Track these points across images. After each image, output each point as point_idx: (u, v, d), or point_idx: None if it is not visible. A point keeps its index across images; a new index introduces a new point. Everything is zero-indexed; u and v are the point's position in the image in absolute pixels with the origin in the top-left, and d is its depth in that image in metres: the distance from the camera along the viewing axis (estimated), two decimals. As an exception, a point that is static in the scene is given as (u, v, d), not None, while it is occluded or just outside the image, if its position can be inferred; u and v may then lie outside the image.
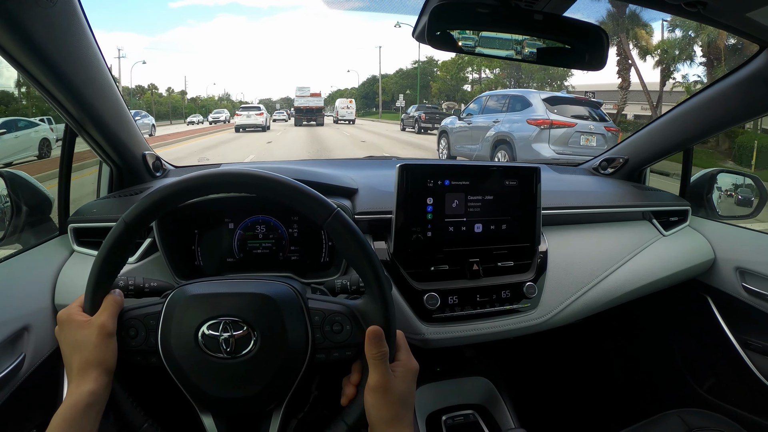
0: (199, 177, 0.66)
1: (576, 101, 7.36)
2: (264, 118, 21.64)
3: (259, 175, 0.67)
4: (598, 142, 6.43)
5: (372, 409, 0.65)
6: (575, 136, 6.30)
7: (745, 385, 1.33)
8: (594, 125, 6.57)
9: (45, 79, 0.86)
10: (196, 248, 1.08)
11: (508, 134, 6.83)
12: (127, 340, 0.67)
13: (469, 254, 1.07)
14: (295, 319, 0.68)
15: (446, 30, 0.91)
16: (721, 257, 1.38)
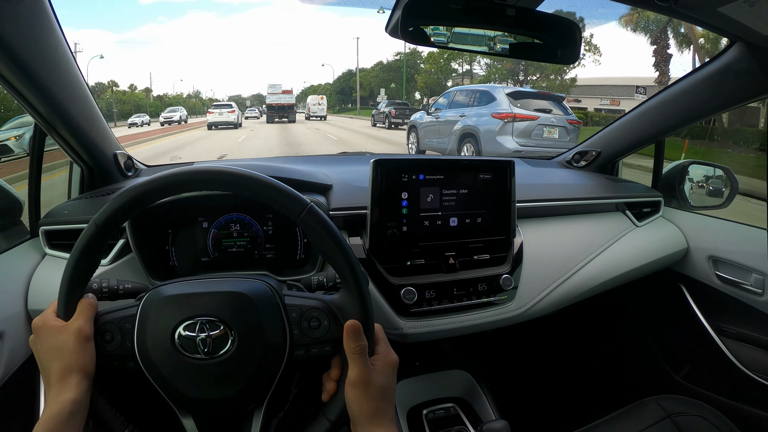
0: (170, 175, 0.65)
1: (539, 95, 7.63)
2: (236, 115, 21.98)
3: (231, 172, 0.66)
4: (560, 134, 6.75)
5: (353, 403, 0.65)
6: (538, 128, 6.60)
7: (721, 370, 1.35)
8: (556, 118, 6.83)
9: (13, 78, 0.84)
10: (170, 248, 1.07)
11: (474, 128, 7.08)
12: (103, 345, 0.66)
13: (444, 248, 1.08)
14: (272, 316, 0.67)
15: (419, 25, 0.91)
16: (694, 246, 1.41)
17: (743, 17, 0.93)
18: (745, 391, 1.30)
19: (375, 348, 0.70)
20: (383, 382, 0.66)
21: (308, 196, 1.03)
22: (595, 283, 1.22)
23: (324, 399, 0.71)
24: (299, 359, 0.69)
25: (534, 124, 6.59)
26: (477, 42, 0.97)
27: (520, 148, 6.34)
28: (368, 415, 0.64)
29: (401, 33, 0.89)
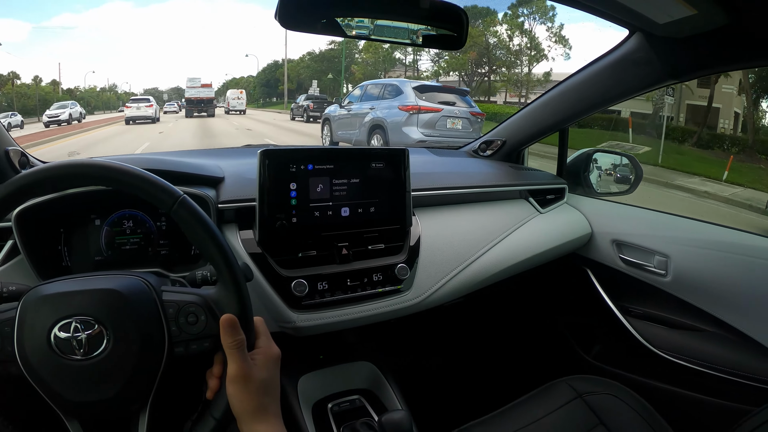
0: (35, 173, 0.62)
1: (444, 89, 8.22)
2: (153, 109, 21.91)
3: (100, 165, 0.64)
4: (463, 125, 7.25)
5: (234, 399, 0.63)
6: (442, 120, 7.06)
7: (629, 349, 1.41)
8: (459, 110, 7.32)
9: None
10: (62, 248, 1.02)
11: (382, 119, 7.48)
12: None
13: (337, 238, 1.07)
14: (148, 312, 0.65)
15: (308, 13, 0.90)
16: (598, 231, 1.46)
17: (640, 7, 0.96)
18: (653, 368, 1.36)
19: (255, 342, 0.69)
20: (264, 377, 0.65)
21: (197, 189, 1.01)
22: (497, 270, 1.24)
23: (208, 397, 0.69)
24: (180, 357, 0.67)
25: (438, 115, 7.04)
26: (359, 26, 0.97)
27: (424, 138, 6.72)
28: (250, 411, 0.63)
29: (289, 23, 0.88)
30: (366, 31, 0.97)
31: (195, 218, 0.65)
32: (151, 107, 21.69)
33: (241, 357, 0.64)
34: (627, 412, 1.14)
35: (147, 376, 0.65)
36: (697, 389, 1.26)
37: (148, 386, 0.65)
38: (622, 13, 1.02)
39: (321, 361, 1.19)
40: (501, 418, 1.15)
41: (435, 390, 1.58)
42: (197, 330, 0.67)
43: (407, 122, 7.02)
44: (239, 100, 31.14)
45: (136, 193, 0.65)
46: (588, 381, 1.23)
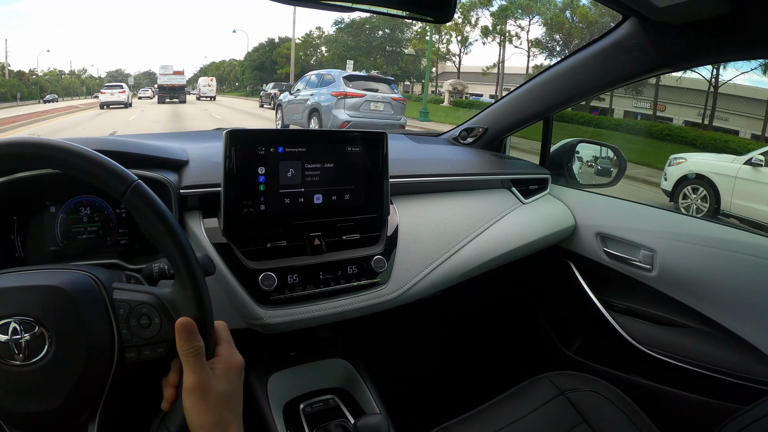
0: None
1: (369, 78, 9.80)
2: (126, 95, 23.72)
3: (44, 144, 0.56)
4: (385, 108, 8.74)
5: (191, 413, 0.57)
6: (365, 104, 8.52)
7: (612, 344, 1.38)
8: (381, 96, 8.76)
9: None
10: (15, 237, 0.94)
11: (318, 104, 8.94)
12: None
13: (309, 228, 0.99)
14: (95, 313, 0.58)
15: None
16: (581, 223, 1.42)
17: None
18: (636, 364, 1.34)
19: (216, 349, 0.62)
20: (224, 389, 0.59)
21: (157, 172, 0.93)
22: (479, 262, 1.19)
23: (163, 407, 0.62)
24: (132, 362, 0.60)
25: (361, 100, 8.46)
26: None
27: (350, 119, 8.17)
28: (208, 427, 0.57)
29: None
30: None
31: (150, 207, 0.59)
32: (123, 93, 23.48)
33: (198, 366, 0.57)
34: (610, 409, 1.12)
35: (95, 384, 0.58)
36: (681, 386, 1.24)
37: (96, 395, 0.59)
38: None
39: (292, 358, 1.13)
40: (482, 417, 1.11)
41: (413, 388, 1.54)
42: (150, 334, 0.60)
43: (336, 105, 8.42)
44: (209, 87, 34.00)
45: (83, 176, 0.58)
46: (570, 377, 1.20)
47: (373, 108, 8.57)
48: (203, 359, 0.58)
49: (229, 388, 0.60)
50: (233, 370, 0.62)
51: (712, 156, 8.32)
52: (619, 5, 1.03)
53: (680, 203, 6.59)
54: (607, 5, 1.04)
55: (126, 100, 23.39)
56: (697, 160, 7.00)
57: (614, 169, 1.55)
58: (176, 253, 0.59)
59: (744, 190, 6.07)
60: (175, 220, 0.61)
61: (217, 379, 0.59)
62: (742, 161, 6.20)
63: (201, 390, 0.57)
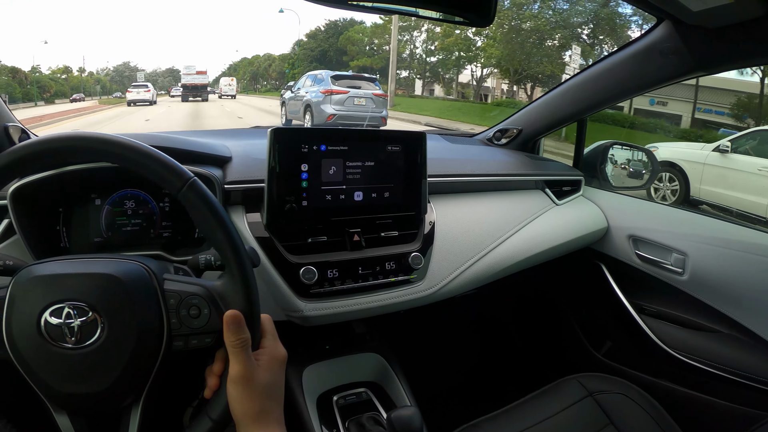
0: (35, 143, 0.58)
1: (353, 77, 11.08)
2: (151, 94, 25.61)
3: (105, 139, 0.59)
4: (367, 103, 9.65)
5: (235, 402, 0.59)
6: (349, 99, 9.53)
7: (641, 348, 1.37)
8: (364, 92, 9.79)
9: None
10: (61, 228, 0.97)
11: (310, 100, 10.01)
12: None
13: (349, 224, 1.02)
14: (147, 302, 0.61)
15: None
16: (614, 226, 1.42)
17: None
18: (665, 368, 1.33)
19: (261, 341, 0.64)
20: (268, 380, 0.61)
21: (203, 168, 0.96)
22: (512, 262, 1.19)
23: (206, 396, 0.64)
24: (179, 351, 0.63)
25: (345, 96, 9.50)
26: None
27: (335, 112, 9.18)
28: (251, 416, 0.59)
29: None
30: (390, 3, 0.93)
31: (204, 203, 0.61)
32: (148, 92, 25.30)
33: (244, 357, 0.60)
34: (637, 413, 1.12)
35: (142, 370, 0.61)
36: (709, 392, 1.23)
37: (142, 380, 0.61)
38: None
39: (327, 351, 1.15)
40: (510, 415, 1.12)
41: (443, 384, 1.55)
42: (199, 324, 0.63)
43: (324, 101, 9.52)
44: (230, 86, 37.24)
45: (141, 171, 0.61)
46: (599, 379, 1.20)
47: (356, 103, 9.58)
48: (249, 351, 0.60)
49: (273, 379, 0.62)
50: (277, 361, 0.64)
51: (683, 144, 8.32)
52: (653, 8, 1.02)
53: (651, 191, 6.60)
54: (642, 8, 1.04)
55: (151, 98, 25.08)
56: (668, 149, 6.98)
57: (647, 172, 1.54)
58: (228, 248, 0.61)
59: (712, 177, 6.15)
60: (227, 216, 0.63)
61: (261, 370, 0.61)
62: (711, 148, 6.27)
63: (246, 380, 0.59)
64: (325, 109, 9.37)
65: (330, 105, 9.39)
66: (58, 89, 40.05)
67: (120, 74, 57.32)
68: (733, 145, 6.11)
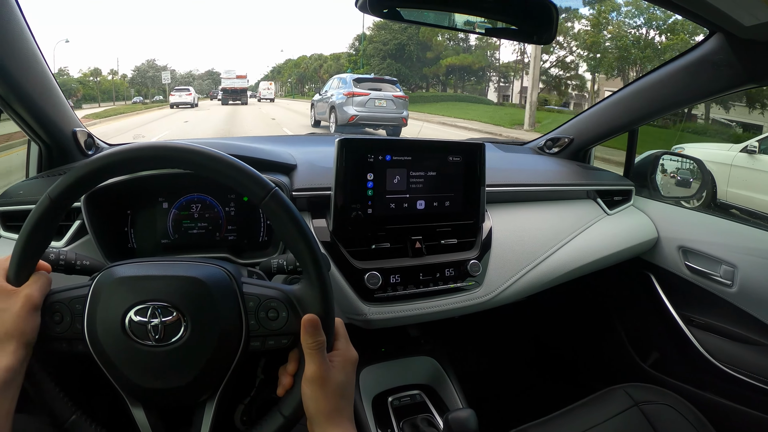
0: (128, 150, 0.62)
1: (374, 80, 11.77)
2: (192, 97, 26.84)
3: (192, 150, 0.62)
4: (387, 105, 10.32)
5: (309, 401, 0.62)
6: (370, 101, 10.18)
7: (689, 359, 1.37)
8: (384, 94, 10.38)
9: None
10: (129, 230, 1.03)
11: (335, 101, 10.74)
12: (52, 326, 0.62)
13: (411, 231, 1.05)
14: (229, 304, 0.64)
15: (392, 1, 0.90)
16: (664, 236, 1.41)
17: (724, 5, 0.92)
18: (711, 381, 1.32)
19: (334, 343, 0.67)
20: (341, 380, 0.64)
21: (271, 175, 1.00)
22: (564, 271, 1.21)
23: (279, 394, 0.68)
24: (255, 351, 0.66)
25: (366, 98, 10.14)
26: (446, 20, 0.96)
27: (357, 113, 9.95)
28: (325, 414, 0.62)
29: (371, 8, 0.87)
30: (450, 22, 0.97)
31: (285, 212, 0.63)
32: (190, 95, 26.53)
33: (320, 358, 0.62)
34: (682, 425, 1.11)
35: (220, 368, 0.64)
36: (756, 406, 1.21)
37: (219, 378, 0.65)
38: (706, 11, 0.97)
39: (383, 354, 1.19)
40: (557, 422, 1.13)
41: (493, 388, 1.57)
42: (277, 326, 0.65)
43: (346, 103, 10.15)
44: (269, 90, 38.73)
45: (224, 181, 0.63)
46: (645, 390, 1.20)
47: (377, 104, 10.24)
48: (324, 352, 0.63)
49: (345, 380, 0.65)
50: (349, 363, 0.67)
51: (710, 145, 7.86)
52: (706, 22, 1.03)
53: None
54: (695, 21, 1.03)
55: (192, 101, 26.26)
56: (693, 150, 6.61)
57: (697, 182, 1.53)
58: (308, 255, 0.64)
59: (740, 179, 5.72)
60: (307, 224, 0.66)
61: (335, 371, 0.64)
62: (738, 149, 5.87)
63: (321, 380, 0.62)
64: (347, 110, 10.05)
65: (352, 106, 10.07)
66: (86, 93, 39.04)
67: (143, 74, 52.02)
68: (762, 146, 5.78)
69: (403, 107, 10.52)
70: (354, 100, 10.06)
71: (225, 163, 0.62)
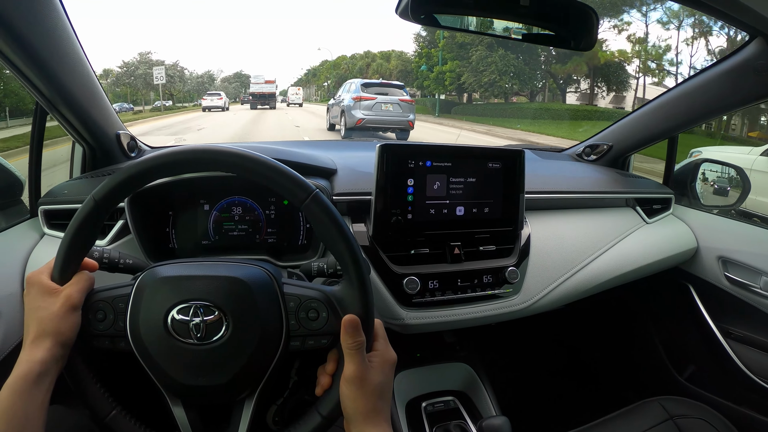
0: (172, 154, 0.63)
1: (381, 84, 12.33)
2: (223, 101, 28.26)
3: (234, 153, 0.63)
4: (394, 108, 10.75)
5: (348, 400, 0.62)
6: (377, 105, 10.63)
7: (726, 373, 1.33)
8: (390, 99, 10.82)
9: (13, 55, 0.82)
10: (170, 230, 1.05)
11: (344, 105, 11.25)
12: (95, 323, 0.64)
13: (450, 237, 1.05)
14: (270, 304, 0.65)
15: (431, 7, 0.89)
16: (703, 246, 1.38)
17: (765, 9, 0.90)
18: (749, 396, 1.28)
19: (373, 344, 0.67)
20: (380, 380, 0.64)
21: (312, 180, 1.01)
22: (602, 279, 1.19)
23: (317, 393, 0.68)
24: (294, 350, 0.67)
25: (373, 102, 10.62)
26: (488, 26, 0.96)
27: (364, 116, 10.43)
28: (363, 413, 0.62)
29: (412, 15, 0.87)
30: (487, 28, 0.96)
31: (327, 215, 0.63)
32: (221, 99, 28.06)
33: (359, 359, 0.62)
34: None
35: (260, 366, 0.65)
36: None
37: (258, 376, 0.65)
38: (745, 15, 0.94)
39: (418, 359, 1.19)
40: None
41: (528, 396, 1.55)
42: (317, 326, 0.66)
43: (354, 107, 10.63)
44: (297, 95, 41.14)
45: (265, 183, 0.64)
46: (680, 403, 1.18)
47: (384, 108, 10.66)
48: (364, 353, 0.63)
49: (384, 380, 0.65)
50: (388, 363, 0.67)
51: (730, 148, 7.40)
52: (745, 26, 1.00)
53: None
54: (734, 25, 1.01)
55: (223, 105, 27.84)
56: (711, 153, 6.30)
57: (738, 190, 1.49)
58: (348, 256, 0.64)
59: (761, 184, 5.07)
60: (348, 226, 0.66)
61: (374, 371, 0.64)
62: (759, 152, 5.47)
63: (360, 380, 0.62)
64: (355, 114, 10.55)
65: (359, 110, 10.57)
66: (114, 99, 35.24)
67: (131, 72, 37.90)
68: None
69: (409, 111, 10.90)
70: (361, 104, 10.60)
71: (266, 165, 0.63)
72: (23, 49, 0.82)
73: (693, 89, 1.28)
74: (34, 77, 0.89)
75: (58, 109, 1.02)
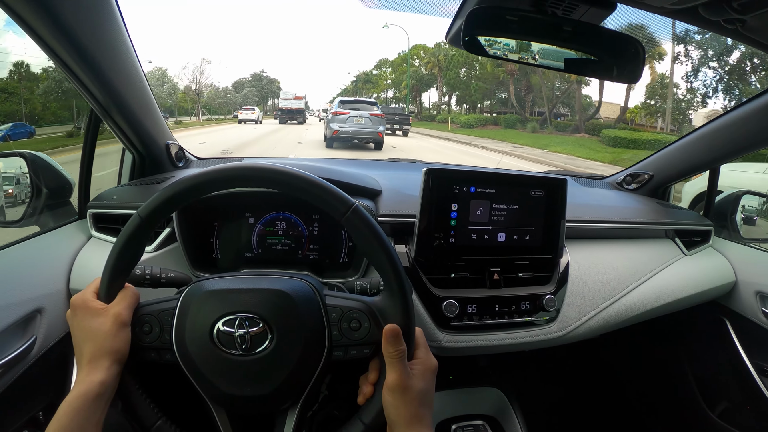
0: (216, 171, 0.65)
1: (356, 101, 13.94)
2: (257, 115, 29.88)
3: (277, 170, 0.66)
4: (365, 122, 12.17)
5: (391, 408, 0.64)
6: (350, 119, 12.08)
7: (759, 413, 1.30)
8: (361, 114, 12.20)
9: (71, 61, 0.86)
10: (214, 241, 1.07)
11: (327, 119, 13.19)
12: (141, 336, 0.66)
13: (490, 263, 1.06)
14: (313, 315, 0.67)
15: (479, 35, 0.90)
16: (742, 280, 1.36)
17: None
18: None
19: (414, 352, 0.69)
20: (422, 387, 0.65)
21: (357, 200, 1.02)
22: (639, 311, 1.18)
23: (360, 402, 0.70)
24: (337, 360, 0.68)
25: (346, 116, 12.08)
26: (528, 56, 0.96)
27: (339, 128, 11.95)
28: (406, 420, 0.63)
29: (462, 42, 0.89)
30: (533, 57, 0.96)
31: (367, 226, 0.65)
32: (254, 113, 29.75)
33: (401, 367, 0.64)
34: None
35: (304, 377, 0.66)
36: None
37: (302, 386, 0.67)
38: None
39: (450, 381, 1.19)
40: None
41: (558, 426, 1.54)
42: (359, 336, 0.67)
43: (332, 120, 12.34)
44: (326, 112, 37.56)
45: (308, 198, 0.66)
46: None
47: (356, 122, 12.09)
48: (405, 361, 0.65)
49: (425, 387, 0.66)
50: (429, 371, 0.68)
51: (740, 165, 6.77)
52: None
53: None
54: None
55: (257, 118, 29.37)
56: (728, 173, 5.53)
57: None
58: (389, 267, 0.66)
59: None
60: (388, 238, 0.67)
61: (415, 379, 0.65)
62: None
63: (402, 388, 0.63)
64: (332, 126, 12.10)
65: (336, 123, 12.08)
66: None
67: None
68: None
69: (379, 123, 12.41)
70: (337, 118, 12.16)
71: (308, 181, 0.65)
72: (81, 55, 0.85)
73: (736, 120, 1.26)
74: (91, 84, 0.94)
75: (112, 116, 1.05)
